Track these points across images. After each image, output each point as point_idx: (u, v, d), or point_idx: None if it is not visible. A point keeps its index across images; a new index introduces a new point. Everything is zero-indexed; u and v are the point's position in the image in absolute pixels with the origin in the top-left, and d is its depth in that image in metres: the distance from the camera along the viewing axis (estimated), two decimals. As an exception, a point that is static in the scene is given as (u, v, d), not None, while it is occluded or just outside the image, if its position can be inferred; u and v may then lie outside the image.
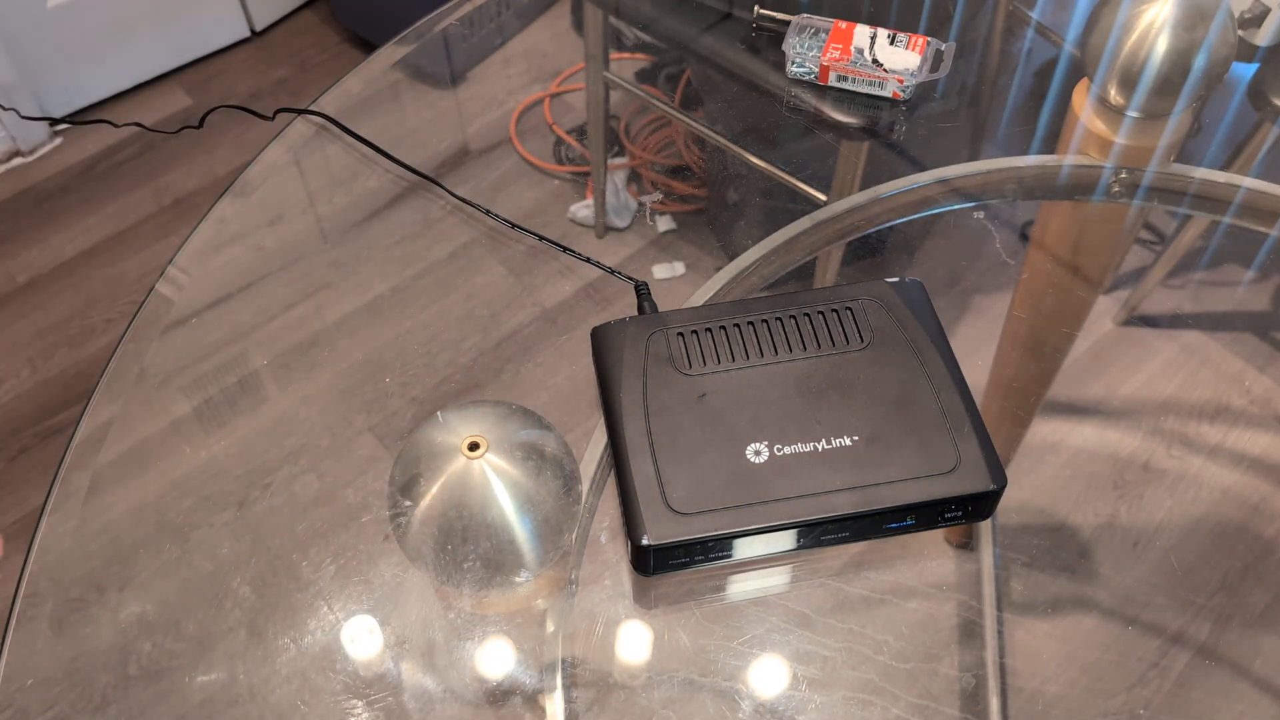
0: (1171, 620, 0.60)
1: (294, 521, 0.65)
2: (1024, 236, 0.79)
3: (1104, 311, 0.75)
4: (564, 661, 0.59)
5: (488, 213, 0.80)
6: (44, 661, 0.60)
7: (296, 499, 0.66)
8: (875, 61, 0.82)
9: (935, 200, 0.81)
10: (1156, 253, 0.80)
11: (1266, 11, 0.87)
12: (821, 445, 0.58)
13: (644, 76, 0.95)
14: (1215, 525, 0.64)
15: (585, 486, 0.64)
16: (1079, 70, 0.89)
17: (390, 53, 0.93)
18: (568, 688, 0.58)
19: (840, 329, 0.63)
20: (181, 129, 1.00)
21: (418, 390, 0.71)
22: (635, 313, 0.68)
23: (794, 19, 0.85)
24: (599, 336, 0.64)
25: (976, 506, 0.59)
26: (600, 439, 0.66)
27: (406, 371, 0.72)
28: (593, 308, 0.75)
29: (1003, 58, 0.94)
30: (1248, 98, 0.88)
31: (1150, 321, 0.74)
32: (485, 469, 0.54)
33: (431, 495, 0.54)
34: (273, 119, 0.89)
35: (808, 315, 0.64)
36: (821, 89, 0.85)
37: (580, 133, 0.89)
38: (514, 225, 0.79)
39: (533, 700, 0.58)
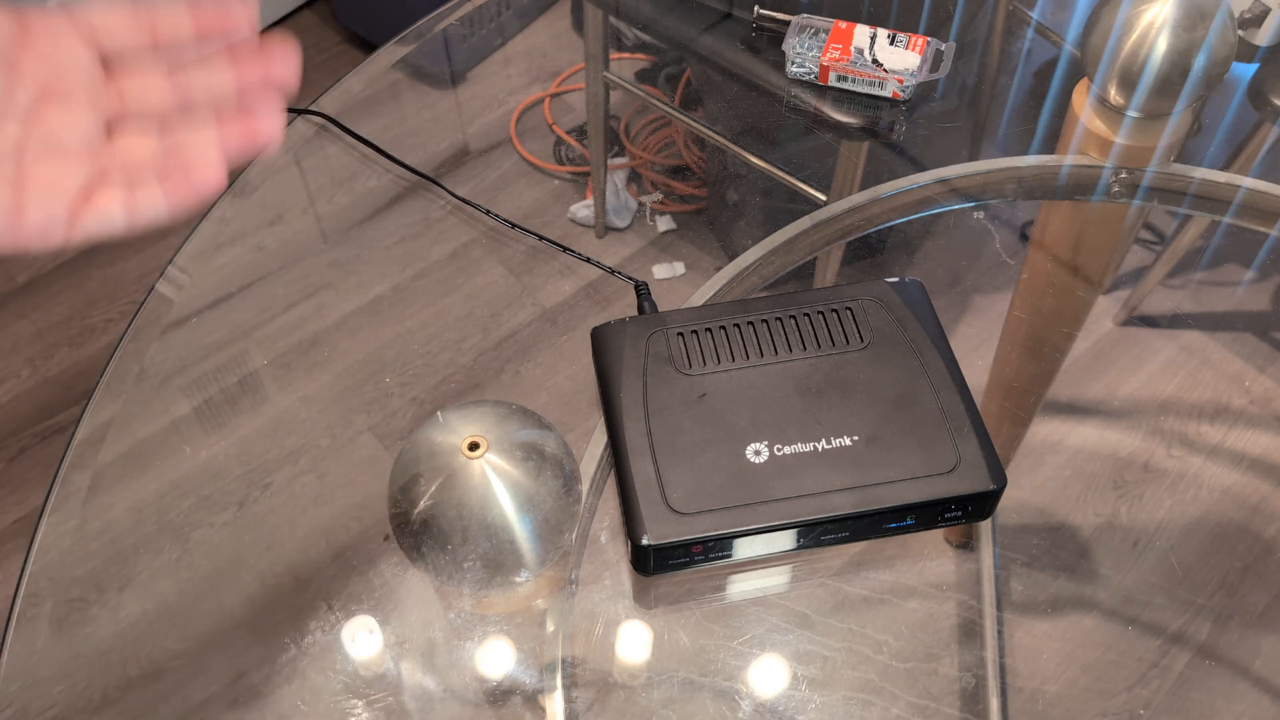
0: (1171, 620, 0.60)
1: (294, 521, 0.65)
2: (1024, 236, 0.79)
3: (1104, 311, 0.75)
4: (564, 661, 0.59)
5: (488, 213, 0.80)
6: (44, 661, 0.60)
7: (296, 499, 0.66)
8: (875, 61, 0.82)
9: (935, 200, 0.81)
10: (1156, 253, 0.80)
11: (1266, 11, 0.87)
12: (821, 445, 0.58)
13: (644, 76, 0.95)
14: (1215, 525, 0.64)
15: (585, 486, 0.64)
16: (1079, 70, 0.89)
17: (390, 53, 0.93)
18: (568, 688, 0.58)
19: (840, 329, 0.63)
20: (181, 129, 1.00)
21: (418, 390, 0.71)
22: (635, 313, 0.68)
23: (794, 19, 0.85)
24: (599, 336, 0.64)
25: (976, 506, 0.59)
26: (600, 439, 0.66)
27: (406, 371, 0.72)
28: (593, 308, 0.75)
29: (1003, 58, 0.94)
30: (1248, 98, 0.88)
31: (1150, 321, 0.74)
32: (485, 469, 0.54)
33: (431, 495, 0.54)
34: (273, 119, 0.88)
35: (807, 315, 0.64)
36: (821, 89, 0.85)
37: (580, 133, 0.89)
38: (514, 225, 0.79)
39: (533, 700, 0.58)
